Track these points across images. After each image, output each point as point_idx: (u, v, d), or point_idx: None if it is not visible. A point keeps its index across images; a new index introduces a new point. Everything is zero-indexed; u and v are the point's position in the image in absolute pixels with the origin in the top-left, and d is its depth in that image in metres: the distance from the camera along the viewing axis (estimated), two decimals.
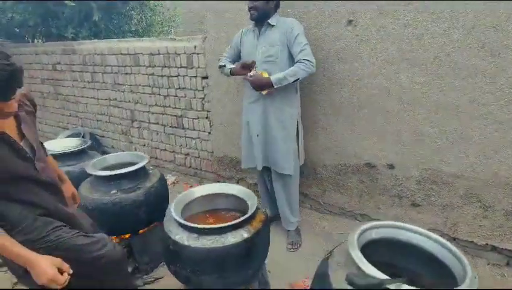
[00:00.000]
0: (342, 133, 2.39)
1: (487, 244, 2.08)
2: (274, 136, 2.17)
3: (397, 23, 1.99)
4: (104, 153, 3.79)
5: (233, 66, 2.19)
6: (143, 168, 2.09)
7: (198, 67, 2.96)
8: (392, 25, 2.00)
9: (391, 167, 2.27)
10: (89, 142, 2.57)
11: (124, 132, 3.89)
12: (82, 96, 4.14)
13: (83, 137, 3.93)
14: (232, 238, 1.46)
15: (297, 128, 2.22)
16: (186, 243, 1.45)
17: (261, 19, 2.07)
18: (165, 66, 3.18)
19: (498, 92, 1.82)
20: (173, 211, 1.57)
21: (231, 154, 3.04)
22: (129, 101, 3.66)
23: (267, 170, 2.36)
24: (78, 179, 2.31)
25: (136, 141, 3.81)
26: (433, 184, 2.15)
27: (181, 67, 3.07)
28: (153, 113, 3.51)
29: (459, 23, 1.82)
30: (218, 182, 3.29)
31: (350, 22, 2.14)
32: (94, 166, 2.08)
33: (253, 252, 1.53)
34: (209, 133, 3.15)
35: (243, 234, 1.49)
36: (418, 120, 2.09)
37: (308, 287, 1.96)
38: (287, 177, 2.24)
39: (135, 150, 3.87)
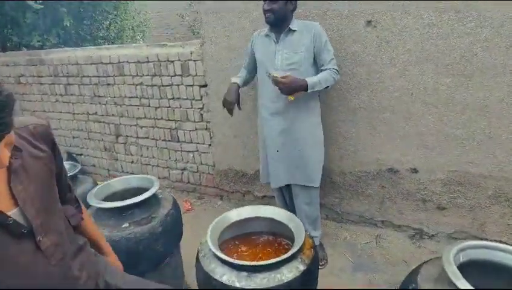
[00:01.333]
0: (361, 139, 2.28)
1: None
2: (298, 148, 2.00)
3: (421, 23, 1.91)
4: (84, 173, 3.39)
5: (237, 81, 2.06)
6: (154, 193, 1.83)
7: (196, 75, 2.72)
8: (415, 25, 1.93)
9: (415, 171, 2.20)
10: (79, 166, 2.23)
11: (107, 149, 3.51)
12: (53, 112, 3.69)
13: None
14: (288, 273, 1.27)
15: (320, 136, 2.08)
16: (237, 284, 1.23)
17: (277, 23, 1.89)
18: (156, 75, 2.90)
19: None
20: (212, 246, 1.35)
21: (236, 166, 2.83)
22: (113, 114, 3.30)
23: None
24: None
25: (122, 157, 3.46)
26: (460, 186, 2.11)
27: (175, 75, 2.81)
28: (141, 126, 3.19)
29: (487, 21, 1.78)
30: (221, 196, 3.06)
31: (369, 22, 2.03)
32: (96, 196, 1.78)
33: (310, 284, 1.36)
34: (210, 145, 2.91)
35: (298, 266, 1.31)
36: (443, 122, 2.03)
37: None
38: (312, 190, 2.09)
39: (121, 167, 3.51)
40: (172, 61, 2.76)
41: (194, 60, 2.67)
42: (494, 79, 1.85)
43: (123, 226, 1.69)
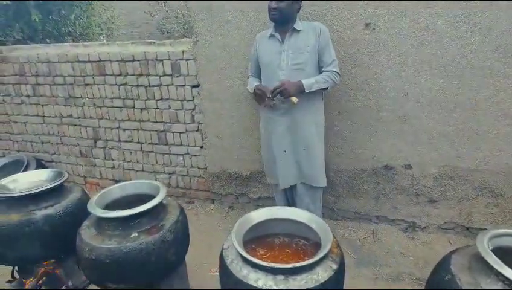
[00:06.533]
0: (358, 138, 2.35)
1: None
2: (303, 148, 2.01)
3: (417, 26, 2.02)
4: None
5: (255, 85, 1.99)
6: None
7: (188, 74, 2.62)
8: (411, 28, 2.03)
9: (409, 167, 2.32)
10: (66, 175, 2.04)
11: (83, 154, 3.26)
12: (18, 115, 3.34)
13: (26, 165, 3.17)
14: (324, 273, 1.27)
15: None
16: (275, 288, 1.20)
17: (283, 21, 1.89)
18: (142, 75, 2.74)
19: (510, 90, 1.98)
20: (242, 250, 1.30)
21: (230, 168, 2.77)
22: (90, 117, 3.07)
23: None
24: (62, 224, 1.83)
25: (101, 163, 3.23)
26: (450, 180, 2.26)
27: (164, 75, 2.68)
28: (124, 129, 3.00)
29: (477, 26, 1.93)
30: (213, 200, 2.99)
31: (368, 25, 2.10)
32: (98, 204, 1.64)
33: (342, 282, 1.36)
34: (201, 147, 2.82)
35: (331, 265, 1.31)
36: (435, 120, 2.16)
37: None
38: (318, 189, 2.11)
39: (100, 174, 3.28)
40: (162, 60, 2.64)
41: (186, 59, 2.57)
42: (481, 80, 2.01)
43: (132, 236, 1.57)
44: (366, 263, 2.19)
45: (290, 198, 2.29)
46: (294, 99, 1.87)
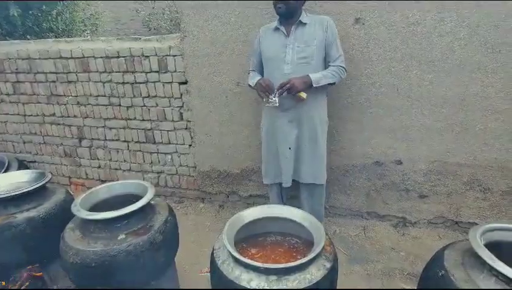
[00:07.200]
0: (349, 135, 2.34)
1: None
2: (308, 145, 1.99)
3: (406, 21, 2.01)
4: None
5: (257, 79, 1.94)
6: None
7: (175, 71, 2.55)
8: (401, 23, 2.02)
9: (399, 162, 2.32)
10: (50, 175, 1.95)
11: (67, 154, 3.15)
12: None
13: (8, 166, 3.05)
14: (317, 272, 1.24)
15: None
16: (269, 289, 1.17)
17: (288, 15, 1.85)
18: (128, 71, 2.66)
19: (498, 85, 2.00)
20: (233, 251, 1.27)
21: (220, 166, 2.72)
22: (75, 115, 2.97)
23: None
24: (45, 227, 1.76)
25: (86, 163, 3.13)
26: (439, 175, 2.27)
27: (150, 72, 2.61)
28: (110, 128, 2.92)
29: (465, 22, 1.93)
30: (203, 199, 2.94)
31: (358, 20, 2.08)
32: (82, 206, 1.57)
33: (335, 280, 1.34)
34: (190, 145, 2.76)
35: (325, 264, 1.29)
36: (425, 115, 2.16)
37: None
38: (319, 187, 2.09)
39: (86, 174, 3.18)
40: (148, 57, 2.56)
41: (173, 56, 2.51)
42: (470, 75, 2.02)
43: (119, 238, 1.51)
44: (358, 260, 2.18)
45: (284, 197, 2.27)
46: (303, 94, 1.84)
